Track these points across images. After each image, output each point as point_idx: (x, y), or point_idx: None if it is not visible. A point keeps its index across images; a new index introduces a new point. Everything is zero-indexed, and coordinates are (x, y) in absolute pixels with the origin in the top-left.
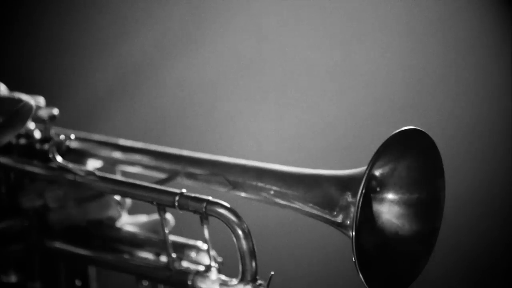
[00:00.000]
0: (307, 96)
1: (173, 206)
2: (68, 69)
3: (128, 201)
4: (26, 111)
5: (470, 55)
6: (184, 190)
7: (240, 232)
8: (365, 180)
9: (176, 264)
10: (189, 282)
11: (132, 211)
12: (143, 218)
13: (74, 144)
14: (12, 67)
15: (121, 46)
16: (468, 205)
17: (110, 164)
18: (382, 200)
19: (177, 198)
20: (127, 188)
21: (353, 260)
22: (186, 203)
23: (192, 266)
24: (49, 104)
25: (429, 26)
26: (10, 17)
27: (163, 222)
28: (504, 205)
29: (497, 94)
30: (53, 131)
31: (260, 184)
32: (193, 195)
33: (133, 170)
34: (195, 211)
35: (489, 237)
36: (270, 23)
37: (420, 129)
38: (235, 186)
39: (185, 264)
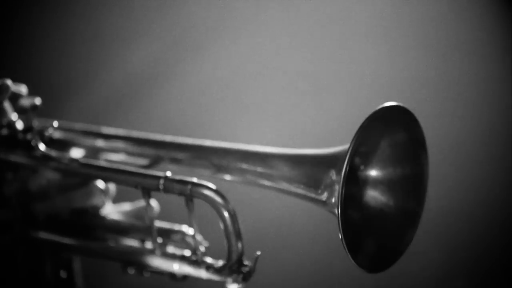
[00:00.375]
0: (305, 86)
1: (157, 189)
2: (83, 67)
3: (112, 189)
4: (2, 89)
5: (471, 54)
6: (168, 173)
7: (225, 213)
8: (349, 158)
9: (162, 250)
10: (175, 267)
11: (116, 200)
12: (127, 206)
13: (57, 134)
14: (32, 66)
15: (136, 43)
16: (470, 205)
17: (94, 152)
18: (366, 177)
19: (161, 181)
20: (111, 173)
21: (340, 237)
22: (171, 186)
23: (178, 251)
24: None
25: (428, 25)
26: (33, 18)
27: (148, 207)
28: (504, 205)
29: (497, 94)
30: (35, 121)
31: (244, 166)
32: (177, 177)
33: (117, 157)
34: (180, 194)
35: (489, 237)
36: (269, 24)
37: (401, 105)
38: (219, 169)
39: (171, 249)
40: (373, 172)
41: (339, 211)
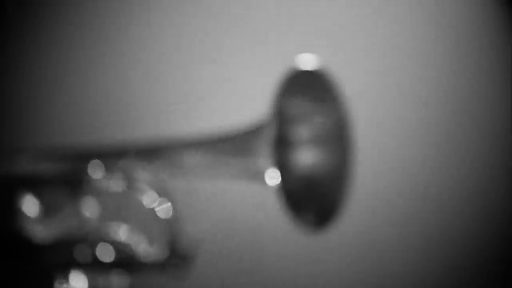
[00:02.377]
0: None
1: (84, 190)
2: None
3: (37, 207)
4: None
5: (471, 53)
6: (93, 172)
7: (156, 198)
8: (275, 122)
9: (94, 257)
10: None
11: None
12: (55, 219)
13: None
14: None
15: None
16: (470, 205)
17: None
18: (293, 139)
19: (88, 181)
20: (36, 181)
21: (282, 203)
22: (98, 185)
23: (111, 255)
24: None
25: (428, 25)
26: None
27: (75, 211)
28: (504, 205)
29: (498, 94)
30: None
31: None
32: (102, 175)
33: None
34: (108, 190)
35: (488, 236)
36: None
37: (308, 69)
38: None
39: (105, 254)
40: (298, 132)
41: (277, 180)
